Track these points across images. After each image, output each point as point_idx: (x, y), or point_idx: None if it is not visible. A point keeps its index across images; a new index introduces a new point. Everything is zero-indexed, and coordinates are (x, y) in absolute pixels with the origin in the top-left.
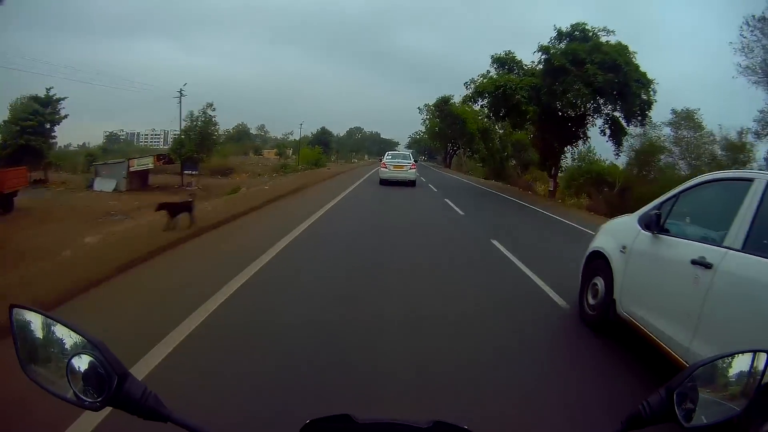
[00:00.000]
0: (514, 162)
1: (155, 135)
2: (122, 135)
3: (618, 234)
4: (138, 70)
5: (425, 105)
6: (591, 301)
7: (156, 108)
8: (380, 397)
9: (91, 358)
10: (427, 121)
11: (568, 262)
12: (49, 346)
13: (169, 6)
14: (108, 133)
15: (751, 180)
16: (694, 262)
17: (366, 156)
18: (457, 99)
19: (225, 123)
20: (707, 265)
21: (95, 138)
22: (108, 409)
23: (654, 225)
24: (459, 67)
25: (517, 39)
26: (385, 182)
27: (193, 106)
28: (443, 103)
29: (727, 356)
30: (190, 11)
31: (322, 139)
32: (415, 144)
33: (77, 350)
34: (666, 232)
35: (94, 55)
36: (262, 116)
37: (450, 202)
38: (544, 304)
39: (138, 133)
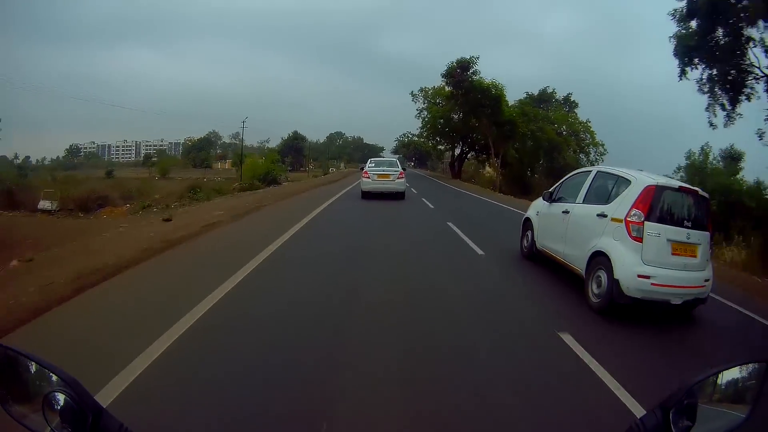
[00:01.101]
0: (534, 169)
1: (127, 147)
2: (92, 147)
3: (536, 206)
4: (116, 80)
5: (421, 90)
6: (525, 244)
7: (132, 119)
8: None
9: (66, 396)
10: (425, 112)
11: None
12: (25, 383)
13: (144, 13)
14: (69, 146)
15: (591, 170)
16: (563, 212)
17: (342, 165)
18: (483, 66)
19: (198, 131)
20: (567, 212)
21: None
22: None
23: (548, 198)
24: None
25: (500, 38)
26: (368, 195)
27: (168, 121)
28: (461, 71)
29: (722, 370)
30: (166, 18)
31: (294, 146)
32: (403, 148)
33: (52, 388)
34: (556, 200)
35: (70, 65)
36: (238, 124)
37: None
38: None
39: (109, 146)
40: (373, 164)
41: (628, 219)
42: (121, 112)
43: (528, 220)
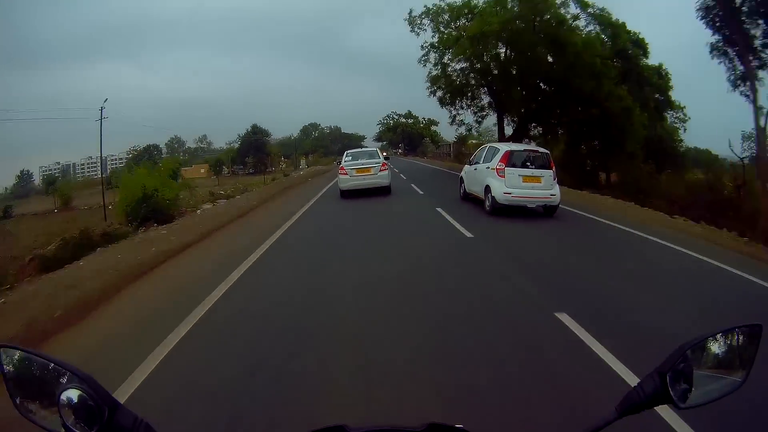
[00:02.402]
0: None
1: (92, 164)
2: (56, 168)
3: (464, 170)
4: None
5: (426, 11)
6: (461, 192)
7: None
8: None
9: (80, 392)
10: (434, 52)
11: None
12: (38, 382)
13: (111, 22)
14: (20, 172)
15: (486, 146)
16: (475, 169)
17: (303, 162)
18: None
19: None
20: (476, 169)
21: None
22: None
23: (469, 164)
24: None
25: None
26: (348, 194)
27: (131, 126)
28: None
29: (717, 334)
30: (127, 22)
31: (255, 142)
32: (388, 132)
33: (67, 385)
34: (473, 164)
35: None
36: (206, 128)
37: None
38: None
39: (74, 164)
40: (350, 157)
41: (497, 167)
42: (90, 125)
43: (461, 178)
